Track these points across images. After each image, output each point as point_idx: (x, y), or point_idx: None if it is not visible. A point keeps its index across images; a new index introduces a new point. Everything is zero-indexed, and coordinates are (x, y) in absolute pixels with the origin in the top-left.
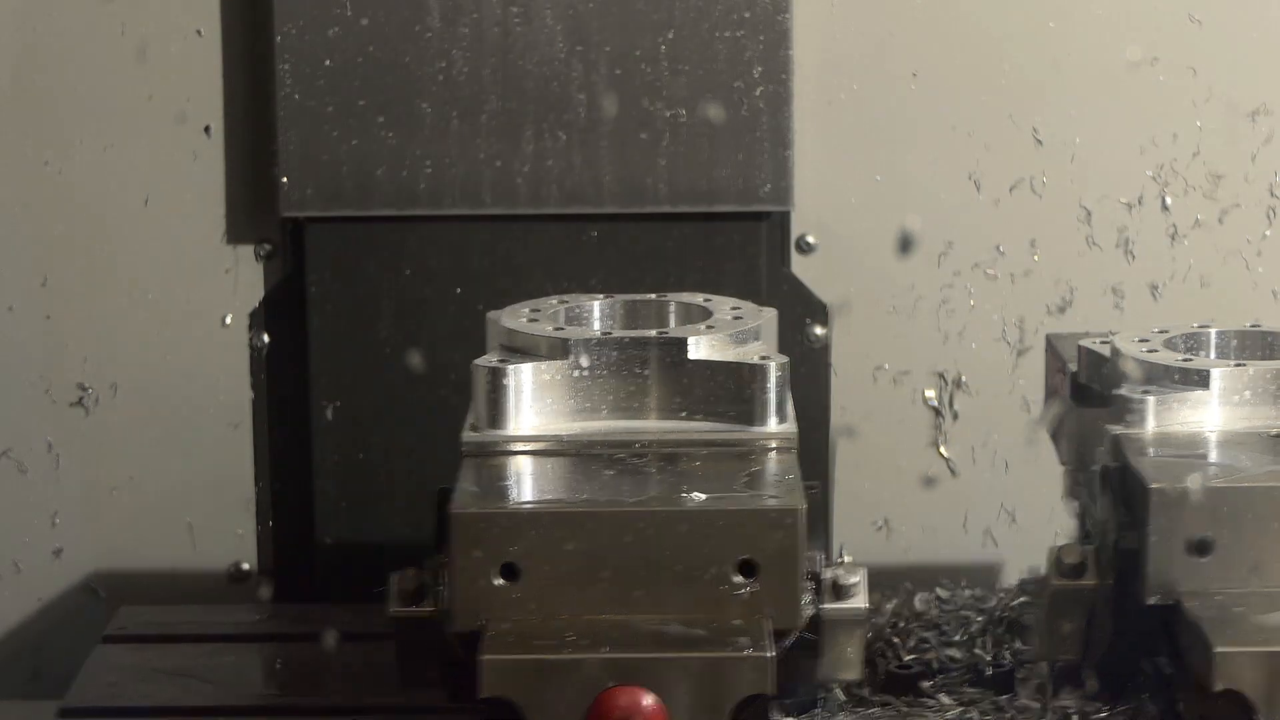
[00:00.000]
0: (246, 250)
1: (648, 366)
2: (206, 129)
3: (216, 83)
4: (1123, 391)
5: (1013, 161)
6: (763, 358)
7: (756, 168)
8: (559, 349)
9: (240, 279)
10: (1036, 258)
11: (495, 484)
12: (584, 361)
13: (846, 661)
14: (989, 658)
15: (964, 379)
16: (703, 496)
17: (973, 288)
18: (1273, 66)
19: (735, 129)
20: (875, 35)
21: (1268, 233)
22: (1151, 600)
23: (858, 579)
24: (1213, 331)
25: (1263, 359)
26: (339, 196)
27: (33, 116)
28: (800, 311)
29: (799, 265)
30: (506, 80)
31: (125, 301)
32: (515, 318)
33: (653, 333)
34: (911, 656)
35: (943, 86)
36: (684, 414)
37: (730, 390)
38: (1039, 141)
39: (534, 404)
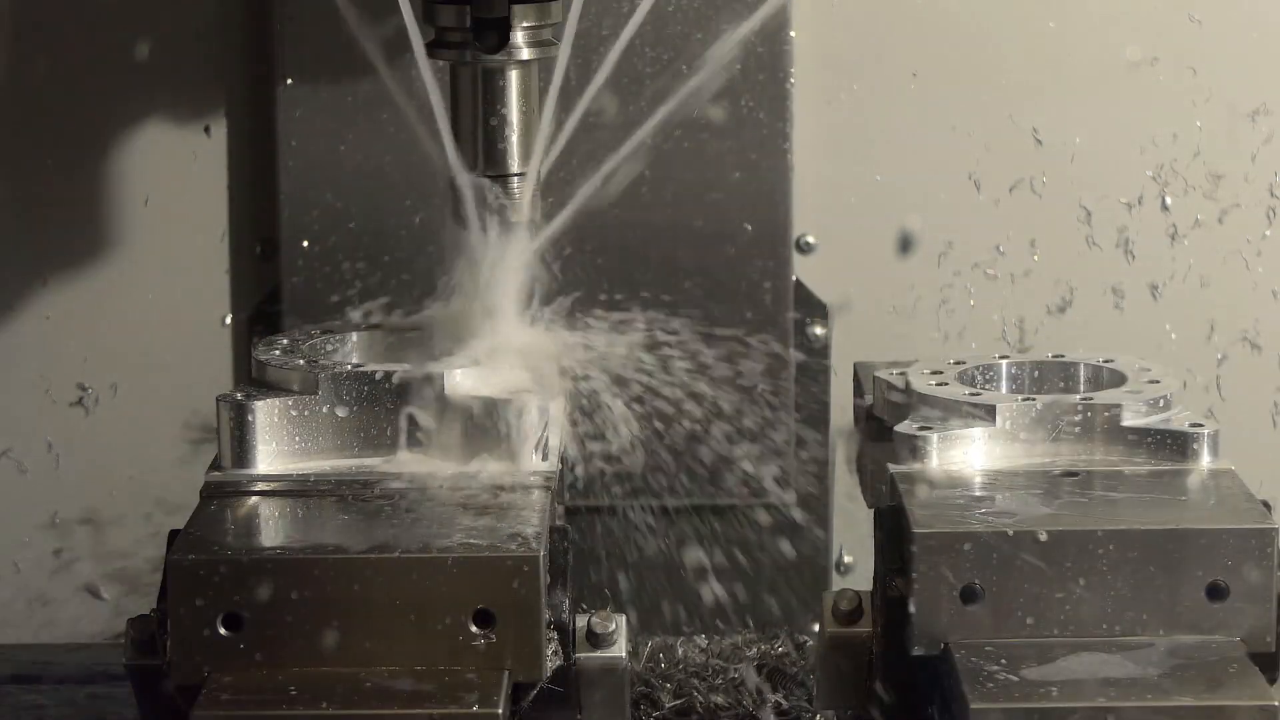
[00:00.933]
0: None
1: (401, 401)
2: (206, 129)
3: (217, 83)
4: (904, 428)
5: (1013, 161)
6: (523, 393)
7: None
8: (309, 383)
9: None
10: (1036, 258)
11: (223, 528)
12: (333, 397)
13: (609, 712)
14: (751, 707)
15: None
16: (448, 541)
17: (973, 288)
18: (1273, 66)
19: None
20: (875, 35)
21: (1268, 233)
22: (918, 650)
23: (614, 626)
24: (1005, 364)
25: (1060, 392)
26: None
27: (33, 116)
28: (800, 311)
29: (799, 265)
30: None
31: (125, 301)
32: (268, 350)
33: (407, 366)
34: (676, 702)
35: (943, 86)
36: (442, 452)
37: (488, 427)
38: (1039, 141)
39: (279, 441)
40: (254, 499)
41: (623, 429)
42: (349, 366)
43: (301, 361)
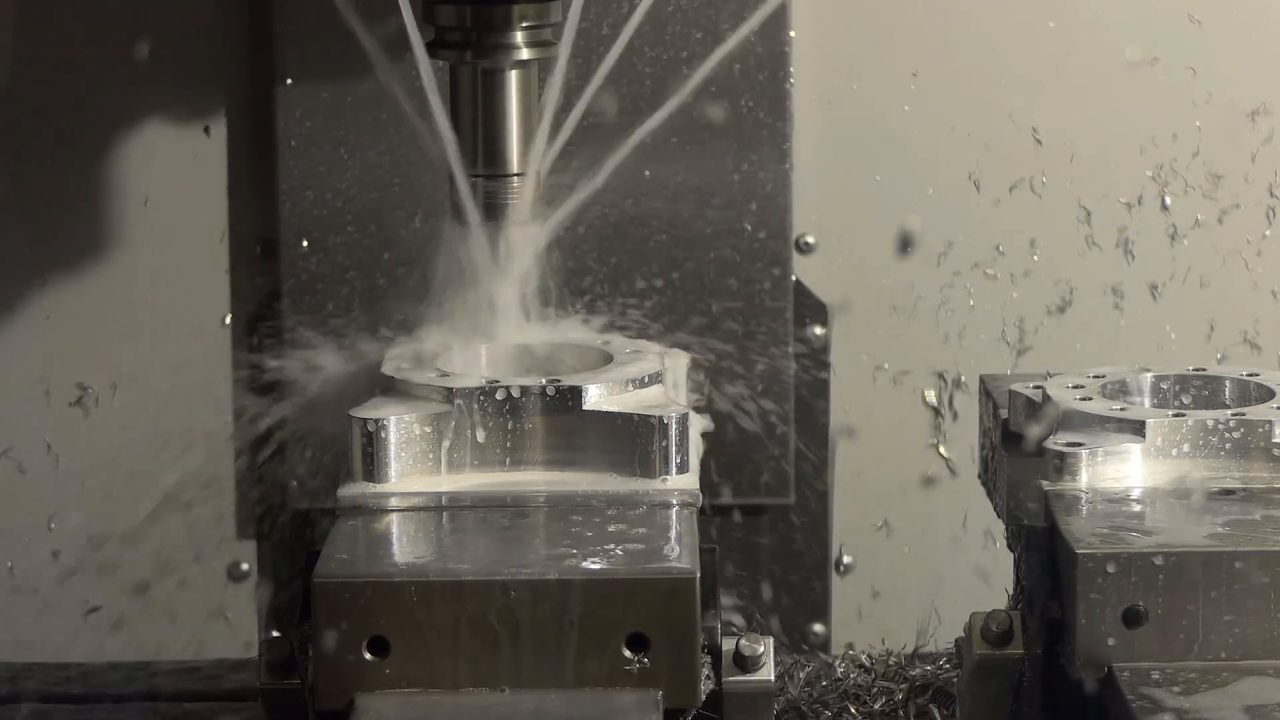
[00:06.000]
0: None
1: (535, 417)
2: (206, 129)
3: (217, 83)
4: (1053, 444)
5: (1013, 161)
6: (660, 407)
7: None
8: (441, 398)
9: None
10: (1036, 258)
11: (364, 548)
12: (467, 412)
13: None
14: None
15: (964, 379)
16: (594, 564)
17: (973, 288)
18: (1273, 66)
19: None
20: (875, 35)
21: (1268, 233)
22: (1080, 673)
23: (762, 649)
24: (1150, 376)
25: (1204, 405)
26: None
27: (33, 116)
28: (800, 311)
29: (799, 265)
30: None
31: (125, 301)
32: (397, 362)
33: (541, 380)
34: None
35: (943, 86)
36: (575, 467)
37: (625, 442)
38: (1039, 141)
39: (414, 458)
40: (392, 518)
41: None
42: (484, 381)
43: (434, 375)
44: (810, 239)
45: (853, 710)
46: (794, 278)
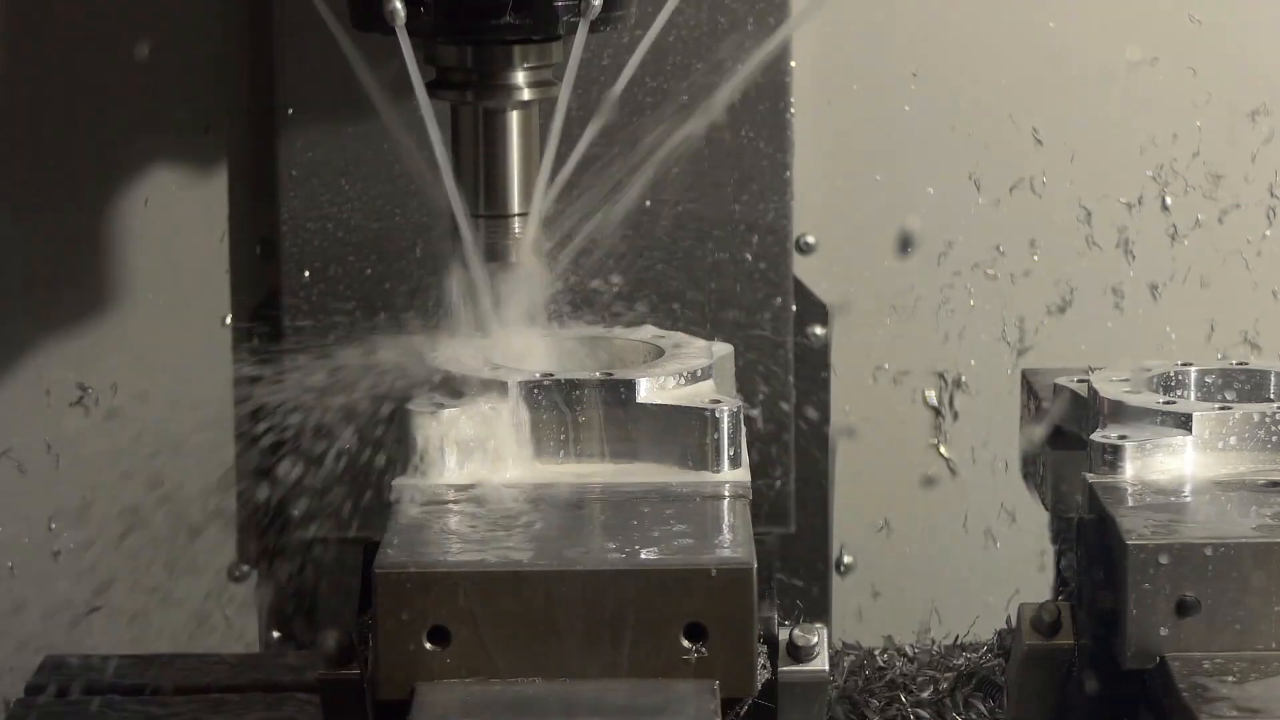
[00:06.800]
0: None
1: (589, 410)
2: (206, 129)
3: (217, 83)
4: (1099, 436)
5: (1013, 161)
6: (714, 401)
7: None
8: (496, 391)
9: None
10: (1036, 258)
11: (423, 538)
12: (523, 404)
13: None
14: (960, 718)
15: (964, 379)
16: (651, 554)
17: (973, 288)
18: (1273, 66)
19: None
20: (875, 35)
21: (1268, 233)
22: (1132, 664)
23: (816, 639)
24: (1194, 370)
25: (1247, 399)
26: None
27: (32, 116)
28: (800, 311)
29: (799, 265)
30: None
31: (125, 301)
32: (450, 354)
33: (596, 373)
34: (879, 718)
35: (943, 86)
36: (629, 459)
37: (677, 435)
38: (1039, 141)
39: (470, 449)
40: (449, 509)
41: None
42: (538, 373)
43: (488, 368)
44: (810, 239)
45: (902, 699)
46: (794, 278)
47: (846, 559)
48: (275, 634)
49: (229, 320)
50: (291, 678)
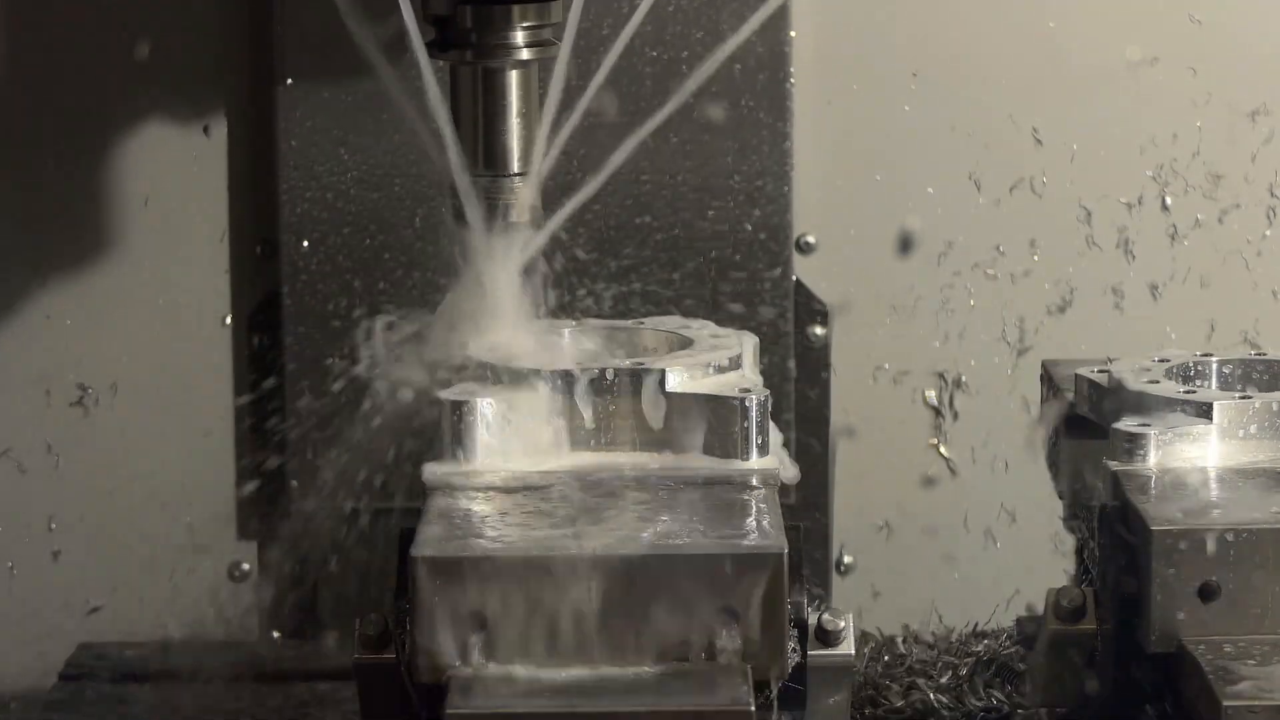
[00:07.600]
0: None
1: (620, 399)
2: (206, 129)
3: (217, 83)
4: (1122, 425)
5: (1013, 161)
6: (742, 390)
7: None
8: (528, 380)
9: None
10: (1036, 258)
11: (459, 524)
12: (554, 393)
13: (833, 712)
14: (979, 704)
15: (964, 379)
16: (684, 540)
17: (973, 288)
18: (1273, 66)
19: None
20: (875, 35)
21: (1268, 233)
22: (1156, 648)
23: (844, 624)
24: (1214, 361)
25: (1266, 388)
26: None
27: (33, 116)
28: (800, 311)
29: (799, 265)
30: None
31: (125, 301)
32: (479, 343)
33: (626, 363)
34: (901, 702)
35: (943, 86)
36: (661, 448)
37: (711, 423)
38: (1039, 141)
39: (503, 438)
40: (484, 496)
41: None
42: (570, 362)
43: (519, 357)
44: (810, 239)
45: (921, 684)
46: (794, 278)
47: (846, 559)
48: (275, 634)
49: (229, 320)
50: (295, 666)
